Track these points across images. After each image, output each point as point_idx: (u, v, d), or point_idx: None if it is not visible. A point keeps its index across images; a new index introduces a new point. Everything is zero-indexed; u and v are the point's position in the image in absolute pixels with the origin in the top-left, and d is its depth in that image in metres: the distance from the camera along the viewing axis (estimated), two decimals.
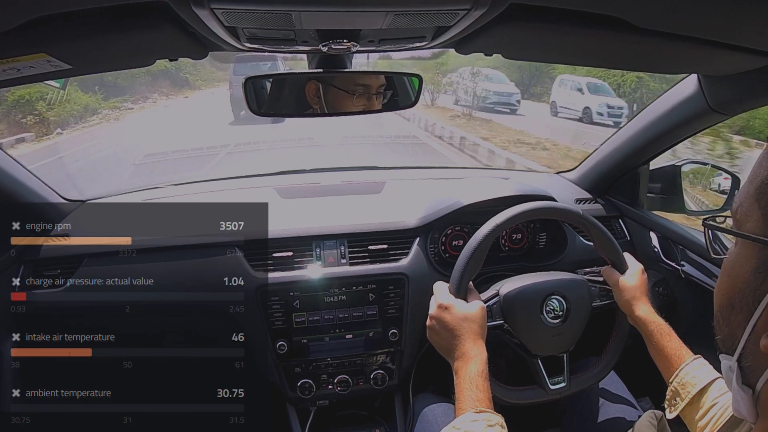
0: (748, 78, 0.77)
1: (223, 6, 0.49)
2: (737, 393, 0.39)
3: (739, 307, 0.38)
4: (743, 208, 0.38)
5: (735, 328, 0.38)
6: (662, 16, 0.56)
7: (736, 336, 0.38)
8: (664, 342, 0.82)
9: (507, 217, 0.89)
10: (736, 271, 0.38)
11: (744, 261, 0.37)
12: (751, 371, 0.37)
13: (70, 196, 1.15)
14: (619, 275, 0.92)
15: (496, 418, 0.68)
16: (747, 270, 0.37)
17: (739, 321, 0.38)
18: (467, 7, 0.51)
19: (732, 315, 0.39)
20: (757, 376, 0.37)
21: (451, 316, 0.81)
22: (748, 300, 0.37)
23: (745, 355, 0.38)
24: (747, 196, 0.38)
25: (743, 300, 0.37)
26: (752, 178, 0.38)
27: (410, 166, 3.15)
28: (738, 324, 0.38)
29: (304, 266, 1.07)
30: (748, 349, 0.37)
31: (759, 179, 0.37)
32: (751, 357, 0.37)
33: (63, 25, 0.54)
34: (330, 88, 0.85)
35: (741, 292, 0.38)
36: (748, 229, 0.37)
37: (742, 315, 0.37)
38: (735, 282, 0.38)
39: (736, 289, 0.38)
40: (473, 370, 0.74)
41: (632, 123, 1.16)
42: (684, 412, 0.75)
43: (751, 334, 0.37)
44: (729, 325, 0.39)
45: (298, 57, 0.81)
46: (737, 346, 0.38)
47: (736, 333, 0.38)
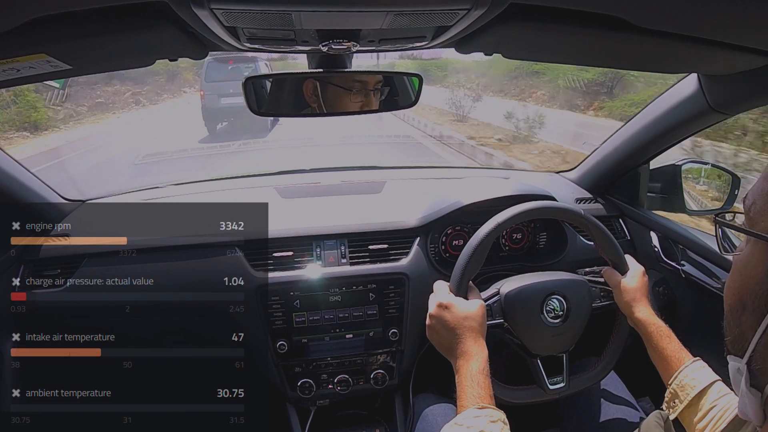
0: (748, 77, 0.77)
1: (222, 6, 0.49)
2: (745, 396, 0.38)
3: (751, 309, 0.37)
4: (757, 207, 0.37)
5: (746, 330, 0.37)
6: (662, 15, 0.56)
7: (747, 338, 0.37)
8: (663, 344, 0.81)
9: (509, 216, 0.89)
10: (749, 272, 0.37)
11: (757, 261, 0.36)
12: (761, 374, 0.37)
13: (70, 196, 1.15)
14: (620, 277, 0.92)
15: (498, 414, 0.68)
16: (760, 271, 0.36)
17: (750, 323, 0.37)
18: (467, 7, 0.51)
19: (743, 316, 0.38)
20: (767, 379, 0.36)
21: (452, 314, 0.81)
22: (760, 302, 0.36)
23: (755, 357, 0.37)
24: (761, 194, 0.37)
25: (756, 301, 0.36)
26: (766, 175, 0.37)
27: (410, 165, 3.15)
28: (749, 326, 0.37)
29: (304, 266, 1.07)
30: (759, 352, 0.36)
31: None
32: (761, 360, 0.36)
33: (63, 25, 0.54)
34: (327, 86, 0.84)
35: (754, 293, 0.36)
36: (762, 229, 0.36)
37: (754, 317, 0.36)
38: (747, 282, 0.37)
39: (748, 290, 0.37)
40: (474, 368, 0.74)
41: (632, 122, 1.15)
42: (683, 414, 0.74)
43: (762, 337, 0.36)
44: (740, 326, 0.38)
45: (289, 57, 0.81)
46: (747, 348, 0.37)
47: (747, 335, 0.37)
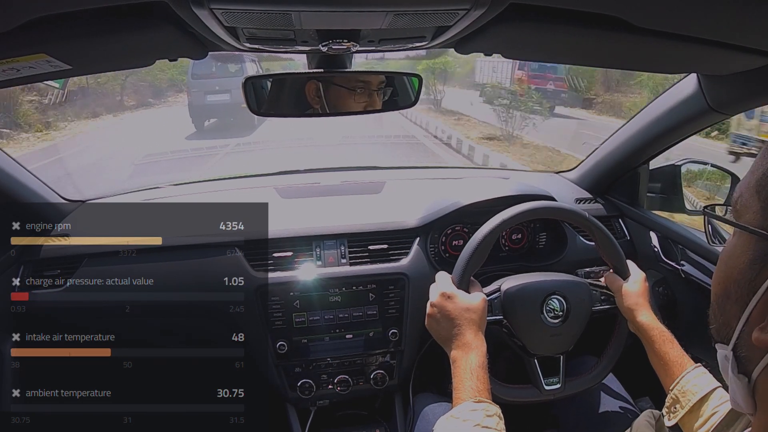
0: (747, 77, 0.77)
1: (222, 6, 0.49)
2: (733, 383, 0.39)
3: (735, 298, 0.38)
4: (743, 199, 0.38)
5: (730, 318, 0.39)
6: (662, 15, 0.56)
7: (731, 326, 0.38)
8: (665, 349, 0.81)
9: (514, 213, 0.89)
10: (733, 262, 0.38)
11: (740, 252, 0.38)
12: (747, 360, 0.38)
13: (71, 197, 1.15)
14: (622, 281, 0.91)
15: (494, 408, 0.68)
16: (743, 261, 0.37)
17: (734, 311, 0.38)
18: (467, 7, 0.51)
19: (727, 305, 0.39)
20: (753, 365, 0.37)
21: (453, 305, 0.81)
22: (743, 291, 0.37)
23: (740, 345, 0.38)
24: (747, 187, 0.38)
25: (739, 291, 0.37)
26: (754, 170, 0.38)
27: (410, 165, 3.15)
28: (733, 314, 0.38)
29: (304, 266, 1.07)
30: (743, 340, 0.38)
31: (761, 171, 0.37)
32: (746, 347, 0.37)
33: (63, 25, 0.54)
34: (331, 87, 0.84)
35: (737, 282, 0.38)
36: (746, 221, 0.37)
37: (737, 306, 0.38)
38: (731, 272, 0.38)
39: (731, 279, 0.38)
40: (473, 361, 0.74)
41: (632, 122, 1.15)
42: (684, 420, 0.74)
43: (745, 325, 0.37)
44: (724, 314, 0.39)
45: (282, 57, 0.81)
46: (732, 335, 0.38)
47: (731, 323, 0.38)
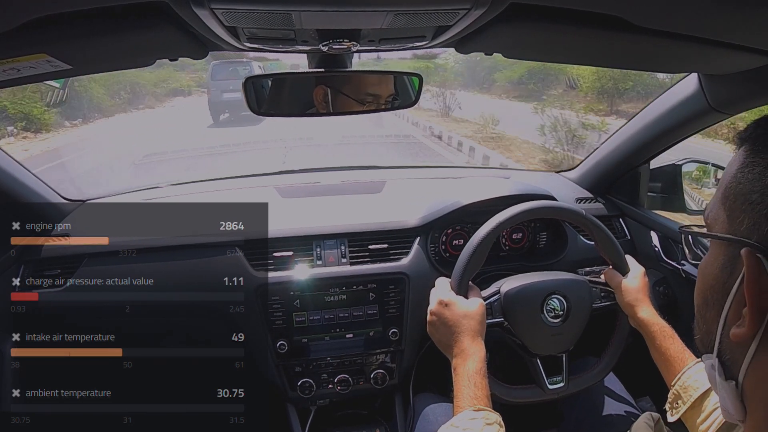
0: (748, 77, 0.77)
1: (223, 6, 0.49)
2: (722, 389, 0.39)
3: (712, 303, 0.40)
4: (712, 213, 0.41)
5: (710, 324, 0.40)
6: (662, 15, 0.56)
7: (712, 331, 0.40)
8: (666, 344, 0.81)
9: (510, 215, 0.89)
10: (708, 270, 0.41)
11: (713, 259, 0.40)
12: (732, 363, 0.39)
13: (71, 196, 1.15)
14: (621, 277, 0.91)
15: (494, 417, 0.68)
16: (716, 267, 0.39)
17: (713, 316, 0.40)
18: (467, 7, 0.51)
19: (707, 312, 0.41)
20: (738, 366, 0.38)
21: (451, 312, 0.81)
22: (718, 295, 0.39)
23: (723, 349, 0.39)
24: (715, 201, 0.41)
25: (715, 295, 0.39)
26: (719, 185, 0.41)
27: (410, 165, 3.15)
28: (712, 319, 0.40)
29: (304, 266, 1.07)
30: (725, 344, 0.39)
31: (724, 184, 0.40)
32: (729, 350, 0.39)
33: (63, 25, 0.54)
34: (339, 96, 0.83)
35: (712, 288, 0.40)
36: (716, 231, 0.40)
37: (715, 310, 0.39)
38: (707, 280, 0.41)
39: (708, 286, 0.40)
40: (471, 368, 0.74)
41: (633, 122, 1.15)
42: (686, 415, 0.74)
43: (724, 327, 0.38)
44: (706, 322, 0.41)
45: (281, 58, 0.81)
46: (714, 342, 0.40)
47: (712, 328, 0.40)
